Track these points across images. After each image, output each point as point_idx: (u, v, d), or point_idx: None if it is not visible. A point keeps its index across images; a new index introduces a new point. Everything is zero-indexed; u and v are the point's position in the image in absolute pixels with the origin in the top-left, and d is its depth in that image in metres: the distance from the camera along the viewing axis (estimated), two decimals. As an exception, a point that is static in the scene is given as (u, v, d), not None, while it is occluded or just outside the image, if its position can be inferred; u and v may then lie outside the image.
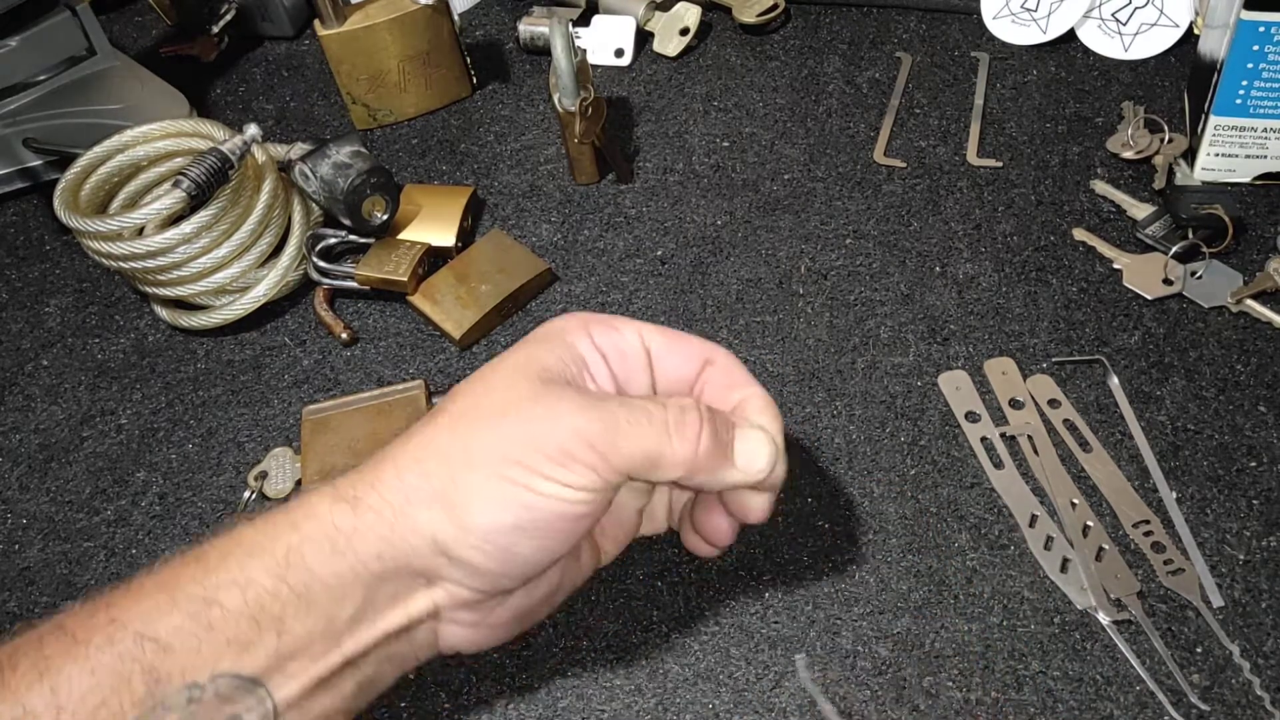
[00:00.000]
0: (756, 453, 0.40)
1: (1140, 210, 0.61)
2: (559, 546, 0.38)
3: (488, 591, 0.38)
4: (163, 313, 0.62)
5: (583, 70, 0.64)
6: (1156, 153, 0.63)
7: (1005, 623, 0.46)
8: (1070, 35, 0.72)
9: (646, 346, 0.42)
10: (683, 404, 0.39)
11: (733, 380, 0.42)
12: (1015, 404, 0.54)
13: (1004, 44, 0.73)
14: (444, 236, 0.63)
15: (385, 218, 0.62)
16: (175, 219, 0.58)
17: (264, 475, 0.53)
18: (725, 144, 0.69)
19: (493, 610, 0.39)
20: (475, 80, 0.75)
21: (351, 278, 0.62)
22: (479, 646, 0.41)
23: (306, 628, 0.35)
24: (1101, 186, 0.63)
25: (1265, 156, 0.60)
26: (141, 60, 0.76)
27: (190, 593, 0.35)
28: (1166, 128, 0.64)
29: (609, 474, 0.37)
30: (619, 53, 0.76)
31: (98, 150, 0.62)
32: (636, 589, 0.49)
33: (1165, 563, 0.47)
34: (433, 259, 0.63)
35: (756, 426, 0.40)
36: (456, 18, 0.71)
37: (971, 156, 0.66)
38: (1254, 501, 0.49)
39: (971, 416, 0.54)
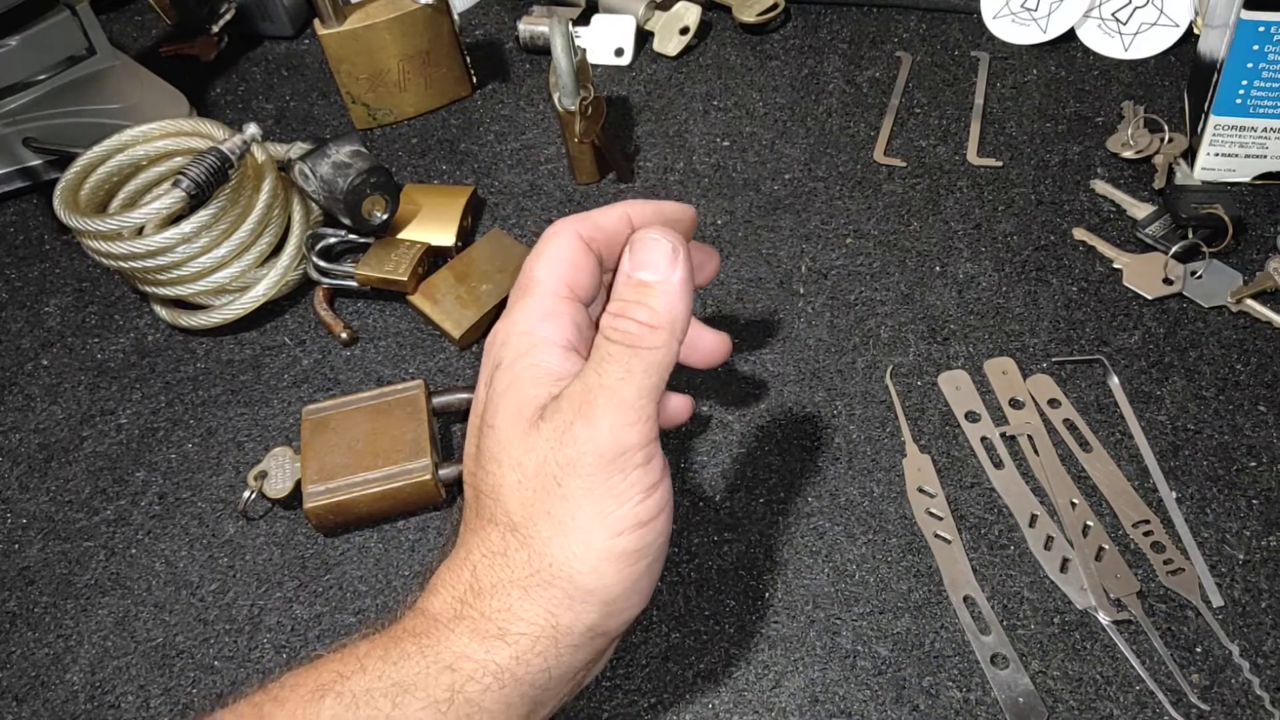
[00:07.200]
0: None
1: (1140, 210, 0.61)
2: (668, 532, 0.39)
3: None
4: (162, 312, 0.62)
5: (583, 70, 0.64)
6: (1156, 152, 0.63)
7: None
8: (1070, 35, 0.72)
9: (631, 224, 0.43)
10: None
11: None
12: (1015, 404, 0.54)
13: (1004, 43, 0.73)
14: (444, 236, 0.63)
15: (385, 217, 0.62)
16: (175, 218, 0.58)
17: (264, 475, 0.53)
18: (725, 143, 0.69)
19: None
20: (475, 80, 0.75)
21: (351, 277, 0.62)
22: None
23: None
24: (1101, 186, 0.63)
25: (1265, 156, 0.60)
26: (141, 60, 0.76)
27: None
28: (1166, 127, 0.64)
29: (653, 432, 0.37)
30: (619, 52, 0.76)
31: (97, 150, 0.62)
32: (636, 589, 0.49)
33: (1165, 562, 0.47)
34: (432, 258, 0.63)
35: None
36: (456, 17, 0.71)
37: (971, 156, 0.66)
38: (1254, 501, 0.49)
39: (971, 416, 0.54)
